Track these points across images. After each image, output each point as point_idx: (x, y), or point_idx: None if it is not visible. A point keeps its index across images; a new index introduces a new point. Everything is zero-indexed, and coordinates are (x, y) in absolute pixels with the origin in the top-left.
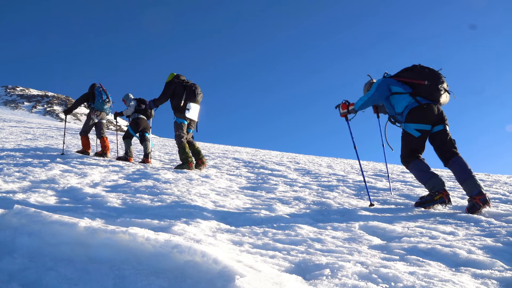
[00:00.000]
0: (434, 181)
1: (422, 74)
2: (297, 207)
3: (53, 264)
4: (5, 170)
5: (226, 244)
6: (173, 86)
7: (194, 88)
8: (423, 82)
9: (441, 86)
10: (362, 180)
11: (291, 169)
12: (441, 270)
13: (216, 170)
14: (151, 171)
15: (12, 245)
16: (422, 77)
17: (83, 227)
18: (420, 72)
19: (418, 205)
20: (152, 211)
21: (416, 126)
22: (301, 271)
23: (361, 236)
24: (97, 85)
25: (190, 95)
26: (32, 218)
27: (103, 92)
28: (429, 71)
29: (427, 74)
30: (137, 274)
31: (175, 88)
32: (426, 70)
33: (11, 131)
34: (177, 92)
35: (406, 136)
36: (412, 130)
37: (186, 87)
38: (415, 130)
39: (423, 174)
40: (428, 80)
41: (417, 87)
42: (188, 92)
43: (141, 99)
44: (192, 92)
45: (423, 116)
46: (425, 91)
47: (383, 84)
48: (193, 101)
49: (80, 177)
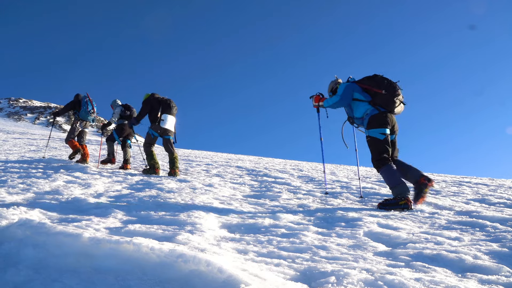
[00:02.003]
0: (402, 188)
1: (381, 84)
2: (301, 215)
3: (58, 276)
4: (9, 181)
5: (230, 252)
6: (149, 103)
7: (169, 102)
8: (380, 91)
9: (397, 98)
10: (366, 187)
11: (294, 176)
12: (447, 276)
13: (220, 178)
14: (154, 180)
15: (17, 256)
16: (381, 87)
17: (88, 238)
18: (379, 82)
19: (381, 206)
20: (156, 221)
21: (380, 131)
22: (307, 279)
23: (366, 243)
24: (81, 95)
25: (166, 108)
26: (36, 229)
27: (89, 103)
28: (387, 82)
29: (385, 85)
30: (142, 284)
31: (152, 104)
32: (385, 81)
33: (14, 143)
34: (154, 107)
35: (373, 140)
36: (377, 134)
37: (162, 102)
38: (380, 134)
39: (393, 179)
40: (386, 90)
41: (376, 96)
42: (163, 106)
43: (127, 105)
44: (167, 105)
45: (384, 121)
46: (382, 101)
47: (348, 90)
48: (168, 113)
49: (83, 187)
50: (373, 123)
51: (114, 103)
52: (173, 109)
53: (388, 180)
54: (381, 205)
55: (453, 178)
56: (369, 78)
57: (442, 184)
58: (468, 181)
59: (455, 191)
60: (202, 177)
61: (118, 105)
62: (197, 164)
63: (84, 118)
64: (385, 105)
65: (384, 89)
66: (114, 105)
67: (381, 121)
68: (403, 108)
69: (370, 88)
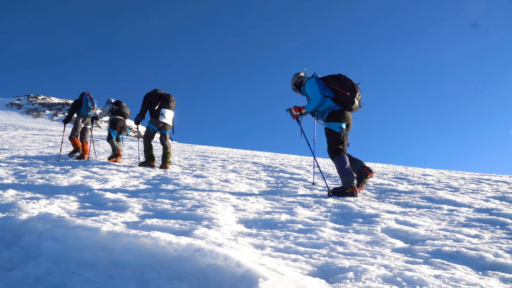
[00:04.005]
0: (350, 177)
1: (345, 85)
2: (318, 211)
3: (77, 268)
4: (28, 176)
5: (247, 247)
6: (150, 97)
7: (168, 97)
8: (346, 92)
9: (356, 98)
10: (383, 183)
11: (310, 172)
12: (467, 274)
13: (236, 174)
14: (171, 176)
15: (37, 249)
16: (345, 88)
17: (106, 231)
18: (344, 82)
19: (331, 194)
20: (173, 216)
21: (338, 125)
22: (324, 275)
23: (383, 239)
24: (86, 92)
25: (164, 102)
26: (55, 223)
27: (89, 100)
28: (351, 83)
29: (349, 86)
30: (160, 278)
31: (152, 99)
32: (348, 82)
33: (33, 139)
34: (154, 101)
35: (330, 132)
36: (335, 127)
37: (161, 97)
38: (337, 127)
39: (344, 169)
40: (350, 92)
41: (339, 94)
42: (162, 101)
43: (117, 101)
44: (166, 100)
45: (343, 117)
46: (344, 100)
47: (320, 88)
48: (166, 107)
49: (101, 183)
50: (332, 117)
51: (108, 101)
52: (171, 103)
53: (340, 169)
54: (332, 193)
55: (471, 175)
56: (334, 77)
57: (460, 182)
58: (487, 178)
59: (474, 189)
60: (218, 172)
61: (109, 103)
62: (213, 160)
63: (85, 114)
64: (346, 104)
65: (348, 91)
66: (107, 103)
67: (340, 116)
68: (358, 108)
69: (335, 87)
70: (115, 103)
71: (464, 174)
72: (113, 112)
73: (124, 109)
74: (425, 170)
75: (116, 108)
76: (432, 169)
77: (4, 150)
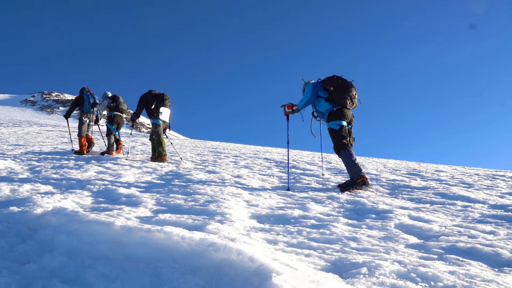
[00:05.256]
0: (357, 168)
1: (334, 83)
2: (331, 206)
3: (91, 262)
4: (43, 172)
5: (260, 242)
6: (145, 99)
7: (162, 96)
8: (329, 87)
9: (347, 95)
10: (396, 179)
11: (323, 168)
12: (483, 270)
13: (248, 170)
14: (183, 171)
15: (51, 243)
16: (332, 84)
17: (119, 226)
18: (334, 81)
19: (342, 188)
20: (186, 211)
21: (337, 122)
22: (338, 270)
23: (397, 235)
24: (86, 89)
25: (160, 101)
26: (70, 217)
27: (90, 96)
28: (341, 81)
29: (338, 84)
30: (173, 272)
31: (148, 98)
32: (339, 80)
33: (47, 135)
34: (150, 101)
35: (332, 131)
36: (334, 125)
37: (156, 96)
38: (336, 125)
39: (351, 161)
40: (339, 87)
41: (330, 93)
42: (158, 100)
43: (114, 96)
44: (161, 99)
45: (339, 115)
46: (334, 97)
47: (314, 89)
48: (162, 106)
49: (114, 178)
50: (331, 117)
51: (105, 95)
52: (166, 102)
53: (346, 162)
54: (342, 187)
55: (486, 171)
56: (328, 78)
57: (474, 178)
58: (502, 174)
59: (488, 185)
60: (231, 168)
61: (107, 97)
62: (225, 156)
63: (88, 110)
64: (338, 101)
65: (335, 87)
66: (104, 97)
67: (338, 115)
68: (356, 104)
69: (326, 86)
70: (112, 98)
71: (478, 170)
72: (111, 108)
73: (122, 105)
74: (439, 166)
75: (114, 105)
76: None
77: (19, 146)
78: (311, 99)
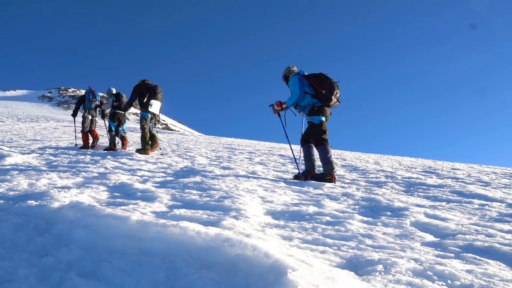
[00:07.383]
0: (330, 166)
1: (324, 84)
2: (346, 203)
3: (107, 256)
4: (60, 166)
5: (275, 238)
6: (139, 89)
7: (155, 88)
8: (321, 90)
9: (334, 96)
10: (412, 177)
11: (338, 165)
12: (501, 270)
13: (263, 166)
14: (198, 167)
15: (68, 237)
16: (323, 86)
17: (135, 220)
18: (323, 81)
19: (311, 178)
20: (201, 206)
21: (317, 118)
22: (353, 267)
23: (413, 233)
24: (89, 87)
25: (152, 94)
26: (86, 211)
27: (90, 94)
28: (329, 82)
29: (327, 84)
30: (188, 267)
31: (141, 90)
32: (327, 80)
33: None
34: (143, 92)
35: (312, 125)
36: (315, 120)
37: (149, 88)
38: (317, 120)
39: (326, 158)
40: (326, 90)
41: (317, 91)
42: (150, 92)
43: (118, 94)
44: (153, 91)
45: (321, 112)
46: (322, 97)
47: (301, 84)
48: (154, 98)
49: (130, 173)
50: (312, 112)
51: (109, 92)
52: (158, 95)
53: (322, 158)
54: (312, 177)
55: (503, 170)
56: (316, 76)
57: (491, 176)
58: None
59: (506, 183)
60: (245, 164)
61: (111, 95)
62: (240, 152)
63: (89, 107)
64: (324, 100)
65: (325, 89)
66: (108, 93)
67: (319, 111)
68: (338, 104)
69: (315, 85)
70: (116, 96)
71: (496, 168)
72: (113, 106)
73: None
74: (455, 164)
75: (117, 104)
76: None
77: (37, 141)
78: (300, 98)
